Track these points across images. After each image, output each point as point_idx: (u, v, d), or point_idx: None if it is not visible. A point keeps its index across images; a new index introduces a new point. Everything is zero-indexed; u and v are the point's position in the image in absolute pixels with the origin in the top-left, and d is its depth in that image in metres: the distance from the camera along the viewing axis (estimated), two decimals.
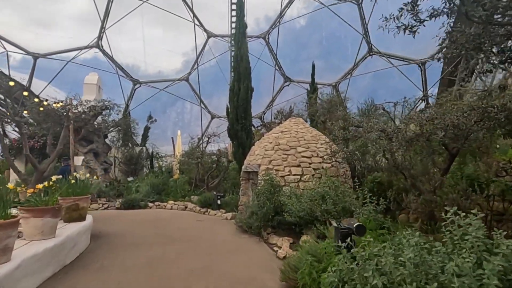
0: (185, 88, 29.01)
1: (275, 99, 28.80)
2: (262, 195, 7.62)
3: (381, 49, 23.09)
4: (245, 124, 12.35)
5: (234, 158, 12.63)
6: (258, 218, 7.53)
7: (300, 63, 31.86)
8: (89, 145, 16.01)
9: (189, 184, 15.99)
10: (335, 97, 18.45)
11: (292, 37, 31.72)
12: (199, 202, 12.49)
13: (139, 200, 13.79)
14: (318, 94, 18.46)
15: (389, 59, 23.22)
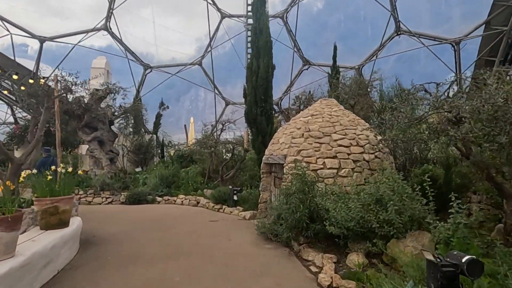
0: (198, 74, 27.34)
1: (293, 83, 26.72)
2: (293, 196, 5.76)
3: (409, 28, 20.59)
4: (265, 108, 10.48)
5: (253, 147, 10.81)
6: (288, 226, 5.70)
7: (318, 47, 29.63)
8: (93, 133, 14.42)
9: (202, 175, 14.29)
10: (362, 79, 16.36)
11: (309, 19, 29.43)
12: (213, 198, 10.75)
13: (146, 194, 12.16)
14: (340, 78, 16.39)
15: (420, 38, 20.74)
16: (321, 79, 22.44)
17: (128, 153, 17.15)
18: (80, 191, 12.62)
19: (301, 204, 5.58)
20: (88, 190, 12.62)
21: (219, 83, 27.22)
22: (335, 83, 15.52)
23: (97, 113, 13.83)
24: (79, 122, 14.12)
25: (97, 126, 14.58)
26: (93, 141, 14.49)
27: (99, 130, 14.62)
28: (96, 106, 13.98)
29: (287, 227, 5.73)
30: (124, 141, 17.33)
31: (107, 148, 14.81)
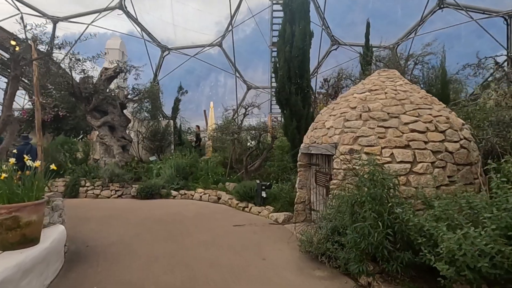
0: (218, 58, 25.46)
1: (321, 65, 24.28)
2: (364, 207, 3.72)
3: None
4: (301, 85, 8.41)
5: (285, 134, 8.77)
6: (358, 252, 3.68)
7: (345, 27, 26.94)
8: (102, 117, 12.75)
9: (223, 165, 12.44)
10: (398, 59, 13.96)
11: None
12: (237, 194, 8.85)
13: (160, 187, 10.41)
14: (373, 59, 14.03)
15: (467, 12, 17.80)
16: (350, 61, 20.06)
17: (143, 140, 15.46)
18: (87, 182, 11.00)
19: (379, 219, 3.53)
20: (96, 181, 10.99)
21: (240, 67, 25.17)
22: (368, 63, 13.22)
23: (106, 95, 12.10)
24: (87, 105, 12.45)
25: (107, 109, 12.89)
26: (103, 126, 12.82)
27: (110, 114, 12.93)
28: (105, 87, 12.23)
29: (353, 249, 3.72)
30: (139, 127, 15.63)
31: (119, 134, 13.13)
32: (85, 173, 11.28)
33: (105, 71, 12.66)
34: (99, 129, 12.83)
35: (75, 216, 7.77)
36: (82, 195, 10.88)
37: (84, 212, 8.40)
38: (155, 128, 15.35)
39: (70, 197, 10.76)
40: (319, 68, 23.83)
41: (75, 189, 10.89)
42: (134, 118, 15.63)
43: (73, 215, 7.91)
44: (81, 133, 16.07)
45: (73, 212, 8.32)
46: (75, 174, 11.26)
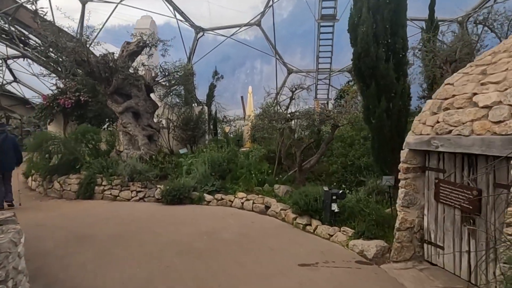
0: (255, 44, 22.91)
1: None
2: None
3: None
4: (393, 47, 5.52)
5: (366, 120, 5.92)
6: None
7: None
8: (125, 102, 10.53)
9: (267, 160, 9.84)
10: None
11: None
12: (294, 204, 6.16)
13: (190, 189, 8.01)
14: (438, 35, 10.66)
15: None
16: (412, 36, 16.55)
17: (174, 129, 13.18)
18: (103, 180, 8.83)
19: None
20: (114, 179, 8.79)
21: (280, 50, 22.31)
22: (432, 39, 9.88)
23: (127, 74, 9.80)
24: (107, 87, 10.26)
25: (130, 92, 10.65)
26: (126, 112, 10.61)
27: (134, 98, 10.69)
28: (127, 65, 9.93)
29: None
30: (169, 114, 13.35)
31: (144, 122, 10.89)
32: (102, 168, 9.12)
33: (126, 46, 10.37)
34: (121, 116, 10.63)
35: (74, 233, 5.56)
36: (98, 196, 8.74)
37: (89, 225, 6.14)
38: (188, 115, 12.98)
39: (84, 198, 8.67)
40: None
41: (90, 189, 8.77)
42: (164, 104, 13.38)
43: (72, 230, 5.69)
44: (106, 121, 14.10)
45: (75, 225, 6.11)
46: (91, 170, 9.13)
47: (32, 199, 8.87)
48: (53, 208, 7.70)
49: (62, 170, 9.54)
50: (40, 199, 8.84)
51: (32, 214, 7.03)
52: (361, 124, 9.67)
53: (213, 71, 19.73)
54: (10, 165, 7.75)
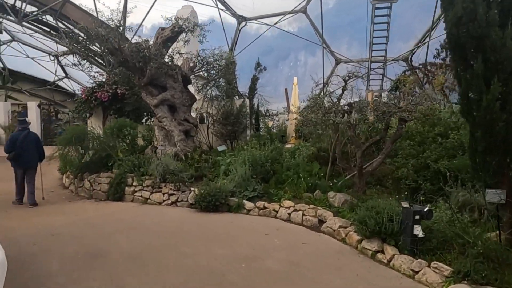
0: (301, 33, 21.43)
1: (435, 28, 18.24)
2: None
3: None
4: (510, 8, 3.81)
5: (464, 111, 4.21)
6: None
7: None
8: (160, 94, 9.57)
9: (317, 160, 8.38)
10: None
11: None
12: (358, 223, 4.64)
13: (228, 194, 6.79)
14: None
15: None
16: None
17: (213, 124, 12.10)
18: (134, 181, 7.91)
19: None
20: (146, 179, 7.83)
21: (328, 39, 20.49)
22: None
23: (161, 62, 8.77)
24: (141, 77, 9.35)
25: (166, 83, 9.67)
26: (161, 105, 9.66)
27: (169, 90, 9.70)
28: (161, 52, 8.91)
29: None
30: (209, 107, 12.28)
31: (181, 116, 9.87)
32: (133, 167, 8.21)
33: (161, 32, 9.38)
34: (156, 109, 9.70)
35: (87, 249, 4.62)
36: (128, 198, 7.85)
37: (107, 236, 5.15)
38: (228, 108, 11.82)
39: (113, 199, 7.82)
40: (433, 32, 17.81)
41: (120, 189, 7.90)
42: (203, 97, 12.34)
43: (87, 244, 4.72)
44: (144, 115, 13.41)
45: (92, 236, 5.17)
46: (122, 169, 8.27)
47: (62, 198, 8.21)
48: (77, 211, 6.88)
49: (94, 167, 8.81)
50: (69, 199, 8.15)
51: (53, 219, 6.23)
52: (434, 119, 7.85)
53: (255, 62, 18.42)
54: (31, 162, 7.53)
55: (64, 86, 27.66)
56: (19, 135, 7.47)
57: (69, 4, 18.28)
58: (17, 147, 7.30)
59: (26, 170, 7.51)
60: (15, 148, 7.30)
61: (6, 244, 5.00)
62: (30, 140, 7.52)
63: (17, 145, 7.30)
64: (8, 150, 7.37)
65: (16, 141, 7.34)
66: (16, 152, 7.29)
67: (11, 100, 22.91)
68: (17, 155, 7.29)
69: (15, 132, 7.83)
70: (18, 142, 7.32)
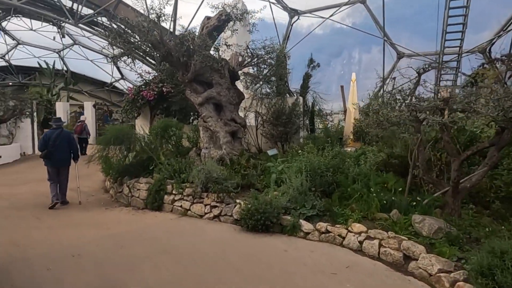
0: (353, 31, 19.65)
1: None
2: None
3: None
4: None
5: None
6: None
7: None
8: (205, 91, 8.57)
9: (386, 168, 6.78)
10: None
11: None
12: (481, 278, 3.07)
13: (281, 211, 5.47)
14: None
15: None
16: None
17: (263, 124, 10.89)
18: (173, 189, 6.93)
19: None
20: (186, 187, 6.81)
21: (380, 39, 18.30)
22: None
23: (205, 54, 7.70)
24: (185, 73, 8.41)
25: (211, 79, 8.64)
26: (206, 104, 8.66)
27: (215, 87, 8.66)
28: (205, 44, 7.85)
29: None
30: (258, 106, 11.10)
31: (227, 116, 8.79)
32: (173, 172, 7.25)
33: (206, 22, 8.35)
34: (201, 108, 8.72)
35: (105, 280, 3.75)
36: (167, 208, 6.89)
37: (132, 263, 4.12)
38: (280, 107, 10.53)
39: (152, 208, 6.92)
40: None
41: (159, 197, 6.98)
42: (252, 95, 11.19)
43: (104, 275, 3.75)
44: (191, 114, 12.61)
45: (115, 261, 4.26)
46: (162, 174, 7.36)
47: (100, 204, 7.51)
48: (110, 223, 6.03)
49: (134, 171, 8.04)
50: (107, 205, 7.42)
51: (81, 233, 5.41)
52: None
53: (308, 59, 16.90)
54: (64, 161, 7.41)
55: (120, 87, 28.45)
56: (52, 133, 7.32)
57: (122, 5, 18.34)
58: (50, 145, 7.16)
59: (59, 169, 7.35)
60: (47, 146, 7.17)
61: (19, 267, 4.22)
62: (63, 138, 7.35)
63: (50, 143, 7.16)
64: (40, 148, 7.33)
65: (49, 139, 7.19)
66: (49, 150, 7.16)
67: (73, 100, 23.86)
68: (49, 153, 7.16)
69: (48, 131, 7.69)
70: (51, 141, 7.17)
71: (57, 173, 7.31)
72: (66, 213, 6.69)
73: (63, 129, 7.67)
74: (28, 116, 13.65)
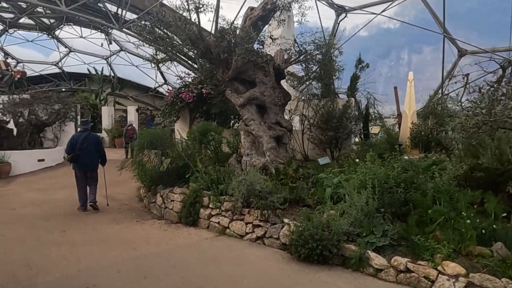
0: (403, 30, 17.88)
1: None
2: None
3: None
4: None
5: None
6: None
7: None
8: (247, 91, 7.60)
9: (467, 182, 5.29)
10: None
11: None
12: None
13: (341, 238, 4.25)
14: None
15: None
16: None
17: (309, 128, 9.70)
18: (211, 201, 5.99)
19: None
20: (224, 201, 5.83)
21: None
22: None
23: (248, 48, 6.73)
24: (225, 71, 7.51)
25: (254, 78, 7.66)
26: (248, 105, 7.68)
27: (258, 86, 7.65)
28: (249, 37, 6.86)
29: None
30: (304, 109, 9.94)
31: (272, 119, 7.74)
32: (210, 182, 6.31)
33: (250, 13, 7.38)
34: (242, 110, 7.75)
35: None
36: (203, 223, 5.97)
37: None
38: (329, 109, 9.30)
39: (186, 222, 6.05)
40: None
41: (194, 211, 6.07)
42: (298, 96, 10.07)
43: None
44: (231, 118, 11.74)
45: None
46: (198, 184, 6.46)
47: (131, 215, 6.79)
48: (138, 240, 5.19)
49: (168, 179, 7.25)
50: (139, 217, 6.66)
51: (104, 253, 4.61)
52: None
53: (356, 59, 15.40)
54: (91, 164, 7.19)
55: (164, 92, 28.67)
56: (80, 136, 7.14)
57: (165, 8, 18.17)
58: (77, 148, 6.97)
59: (86, 173, 7.15)
60: (74, 149, 6.98)
61: None
62: (90, 141, 7.13)
63: (77, 146, 6.97)
64: (68, 152, 7.19)
65: (76, 142, 7.00)
66: (75, 154, 6.96)
67: (118, 105, 24.28)
68: (76, 156, 6.97)
69: (76, 133, 7.58)
70: (78, 144, 6.98)
71: (85, 177, 7.12)
72: (94, 225, 6.01)
73: (91, 132, 7.47)
74: (72, 119, 13.65)
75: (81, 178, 7.11)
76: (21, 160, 11.04)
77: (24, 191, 8.73)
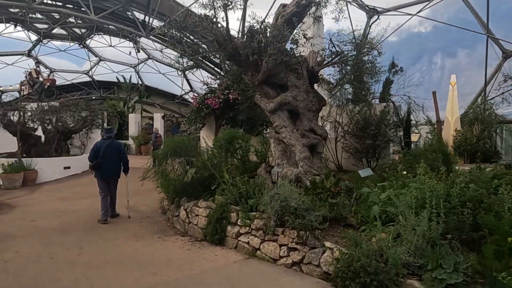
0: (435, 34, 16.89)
1: None
2: None
3: None
4: None
5: None
6: None
7: None
8: (278, 95, 6.94)
9: None
10: None
11: None
12: None
13: (399, 272, 3.43)
14: None
15: None
16: None
17: (344, 136, 8.89)
18: (239, 218, 5.32)
19: None
20: (255, 218, 5.14)
21: None
22: None
23: (279, 48, 6.08)
24: (254, 74, 6.89)
25: (286, 81, 6.99)
26: (280, 111, 7.02)
27: (291, 90, 6.98)
28: (282, 35, 6.21)
29: None
30: (337, 115, 9.16)
31: (305, 125, 7.02)
32: (239, 196, 5.65)
33: (282, 10, 6.72)
34: (272, 116, 7.10)
35: None
36: (230, 242, 5.30)
37: None
38: (366, 115, 8.48)
39: (211, 240, 5.42)
40: None
41: (221, 228, 5.43)
42: (331, 100, 9.31)
43: None
44: (259, 125, 11.10)
45: None
46: (225, 198, 5.83)
47: (153, 230, 6.24)
48: (159, 262, 4.60)
49: (193, 191, 6.67)
50: (161, 233, 6.10)
51: (117, 278, 4.07)
52: None
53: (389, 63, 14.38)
54: (113, 172, 7.05)
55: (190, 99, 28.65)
56: (103, 144, 6.96)
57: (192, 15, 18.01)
58: (99, 156, 6.84)
59: (108, 181, 7.04)
60: (97, 157, 6.84)
61: None
62: (112, 149, 6.98)
63: (99, 154, 6.83)
64: (90, 159, 7.01)
65: (99, 150, 6.85)
66: (98, 161, 6.83)
67: (145, 112, 24.35)
68: (98, 164, 6.84)
69: (99, 141, 7.22)
70: (101, 151, 6.84)
71: (107, 184, 7.00)
72: (113, 241, 5.50)
73: (114, 139, 7.24)
74: (99, 126, 13.53)
75: (103, 186, 6.94)
76: (48, 168, 10.93)
77: (47, 200, 8.47)
